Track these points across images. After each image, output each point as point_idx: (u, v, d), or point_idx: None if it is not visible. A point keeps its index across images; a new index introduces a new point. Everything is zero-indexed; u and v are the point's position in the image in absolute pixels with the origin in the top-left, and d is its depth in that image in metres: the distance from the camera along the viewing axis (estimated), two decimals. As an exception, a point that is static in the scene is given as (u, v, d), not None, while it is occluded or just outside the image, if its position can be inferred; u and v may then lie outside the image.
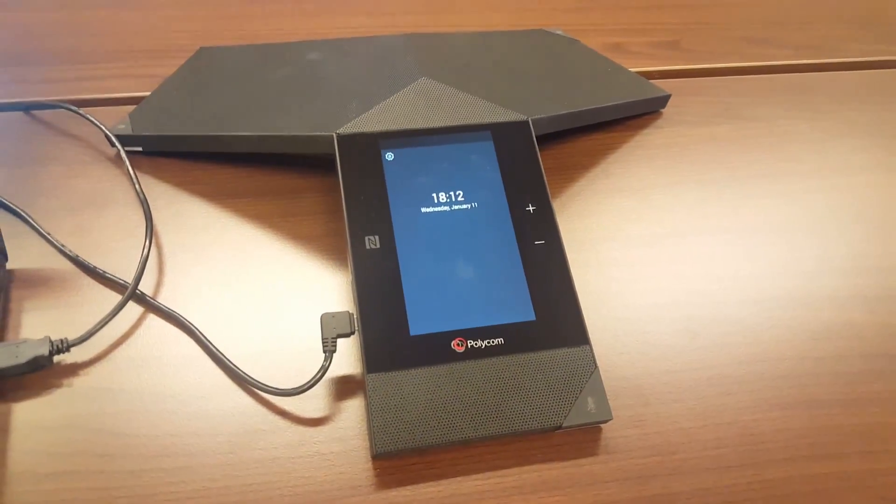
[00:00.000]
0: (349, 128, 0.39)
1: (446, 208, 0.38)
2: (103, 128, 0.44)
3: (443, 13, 0.60)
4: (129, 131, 0.44)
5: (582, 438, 0.35)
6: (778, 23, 0.63)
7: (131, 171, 0.43)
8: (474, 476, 0.33)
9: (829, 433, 0.36)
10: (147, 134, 0.44)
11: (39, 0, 0.57)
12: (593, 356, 0.35)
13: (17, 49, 0.53)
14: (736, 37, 0.60)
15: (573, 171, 0.48)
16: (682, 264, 0.43)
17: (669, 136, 0.51)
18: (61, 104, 0.46)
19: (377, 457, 0.33)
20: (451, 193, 0.39)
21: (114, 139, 0.44)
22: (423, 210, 0.38)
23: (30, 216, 0.41)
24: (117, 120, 0.46)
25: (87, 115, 0.45)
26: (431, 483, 0.33)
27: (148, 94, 0.48)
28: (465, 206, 0.38)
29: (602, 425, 0.35)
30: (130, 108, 0.48)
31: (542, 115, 0.42)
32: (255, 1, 0.60)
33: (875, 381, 0.39)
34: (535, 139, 0.41)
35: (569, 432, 0.35)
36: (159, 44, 0.54)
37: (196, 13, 0.58)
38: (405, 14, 0.60)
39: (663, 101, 0.52)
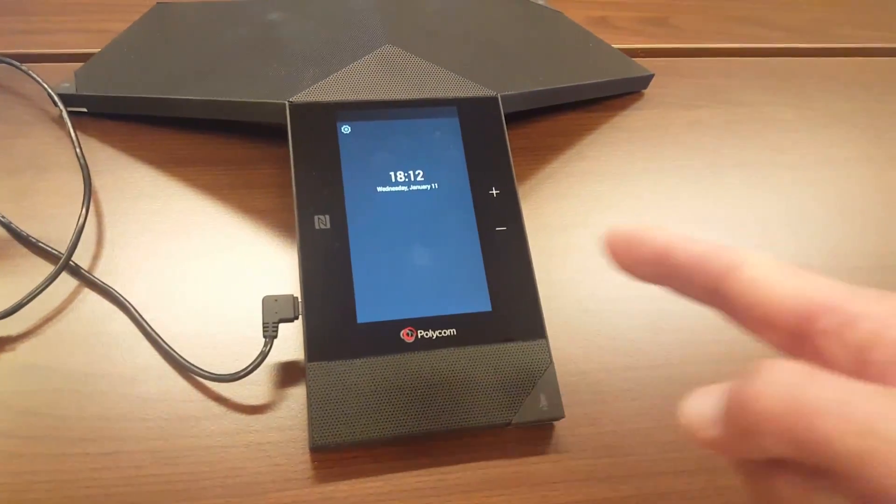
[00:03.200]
0: (303, 96, 0.37)
1: (404, 188, 0.36)
2: (46, 86, 0.41)
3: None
4: (72, 90, 0.41)
5: (532, 436, 0.33)
6: (771, 3, 0.60)
7: (72, 134, 0.40)
8: (417, 472, 0.32)
9: (790, 439, 0.35)
10: (91, 94, 0.41)
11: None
12: (549, 351, 0.33)
13: (-39, -5, 0.49)
14: (726, 16, 0.58)
15: (546, 151, 0.45)
16: (652, 255, 0.41)
17: (650, 119, 0.49)
18: (2, 58, 0.43)
19: (315, 449, 0.31)
20: (410, 172, 0.36)
21: (56, 99, 0.41)
22: (379, 189, 0.36)
23: (-38, 177, 0.38)
24: (62, 78, 0.43)
25: (30, 72, 0.42)
26: (371, 478, 0.32)
27: (99, 50, 0.45)
28: (424, 187, 0.36)
29: (555, 423, 0.34)
30: (79, 65, 0.45)
31: (514, 92, 0.40)
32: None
33: (842, 385, 0.37)
34: (503, 117, 0.38)
35: (519, 429, 0.33)
36: (115, -3, 0.51)
37: (157, -35, 0.54)
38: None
39: (646, 81, 0.49)
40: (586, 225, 0.42)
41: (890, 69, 0.55)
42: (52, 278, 0.34)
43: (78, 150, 0.40)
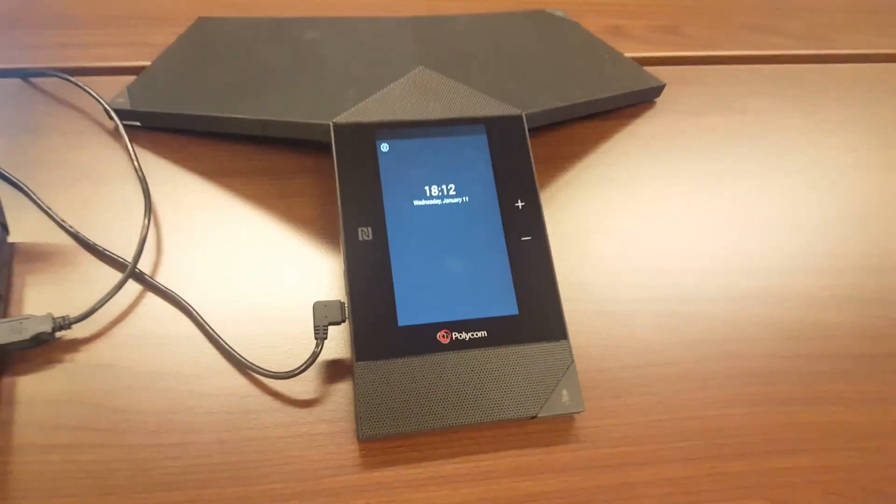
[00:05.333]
0: (346, 117, 0.40)
1: (438, 202, 0.39)
2: (102, 101, 0.45)
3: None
4: (127, 106, 0.45)
5: (555, 427, 0.37)
6: (782, 9, 0.62)
7: (130, 147, 0.43)
8: (453, 460, 0.36)
9: (788, 430, 0.39)
10: (145, 110, 0.44)
11: (35, -44, 0.56)
12: (570, 351, 0.37)
13: (11, 12, 0.52)
14: (738, 23, 0.60)
15: (564, 160, 0.49)
16: (667, 258, 0.44)
17: (662, 126, 0.52)
18: (55, 73, 0.46)
19: (363, 440, 0.35)
20: (444, 187, 0.40)
21: (112, 113, 0.44)
22: (416, 203, 0.39)
23: (29, 189, 0.42)
24: (114, 91, 0.46)
25: (85, 87, 0.46)
26: (413, 465, 0.35)
27: (145, 63, 0.48)
28: (456, 200, 0.39)
29: (576, 415, 0.38)
30: (127, 77, 0.48)
31: (536, 110, 0.43)
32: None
33: (839, 380, 0.41)
34: (527, 135, 0.42)
35: (543, 421, 0.37)
36: (157, 11, 0.54)
37: (194, -23, 0.57)
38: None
39: (658, 90, 0.52)
40: (602, 231, 0.45)
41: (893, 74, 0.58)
42: (120, 285, 0.38)
43: (136, 163, 0.43)
